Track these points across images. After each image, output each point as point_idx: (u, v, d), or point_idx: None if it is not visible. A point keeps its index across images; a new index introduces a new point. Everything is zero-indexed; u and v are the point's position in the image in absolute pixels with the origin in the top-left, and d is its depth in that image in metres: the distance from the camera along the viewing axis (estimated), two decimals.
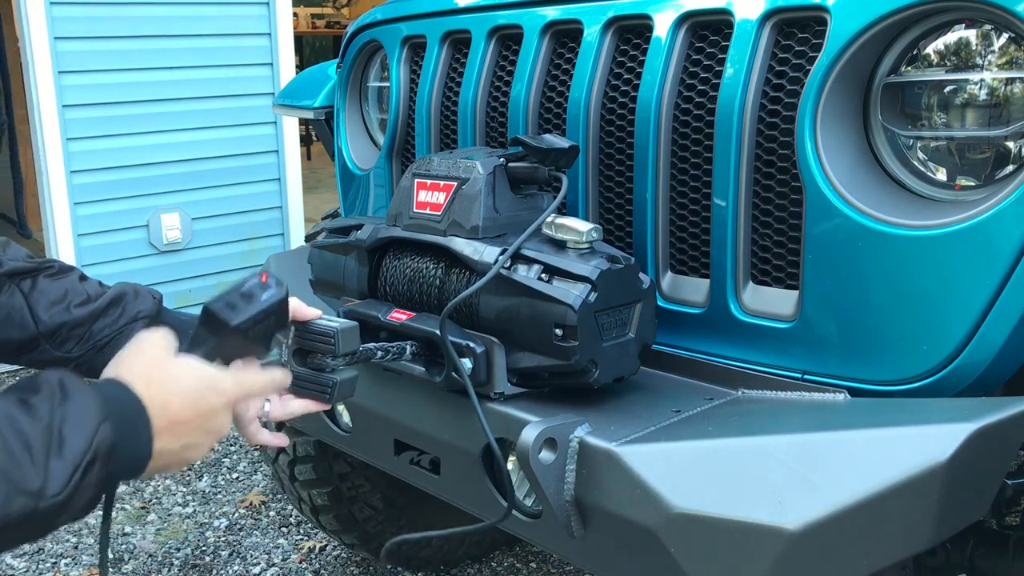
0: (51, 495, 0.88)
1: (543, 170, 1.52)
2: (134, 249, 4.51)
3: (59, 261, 1.40)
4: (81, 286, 1.36)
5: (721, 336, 1.52)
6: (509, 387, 1.46)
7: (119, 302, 1.36)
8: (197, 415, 1.04)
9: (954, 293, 1.27)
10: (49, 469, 0.88)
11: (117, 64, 4.34)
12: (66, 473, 0.89)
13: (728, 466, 1.20)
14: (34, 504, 0.87)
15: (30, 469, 0.87)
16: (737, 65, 1.44)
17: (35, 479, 0.87)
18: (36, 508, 0.87)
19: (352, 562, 2.95)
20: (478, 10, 1.88)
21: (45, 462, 0.88)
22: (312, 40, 12.59)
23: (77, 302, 1.33)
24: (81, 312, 1.33)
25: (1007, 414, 1.14)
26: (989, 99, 1.31)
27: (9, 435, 0.88)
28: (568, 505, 1.32)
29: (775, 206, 1.46)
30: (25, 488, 0.87)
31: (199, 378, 1.05)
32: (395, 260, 1.66)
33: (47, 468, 0.88)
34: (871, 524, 1.12)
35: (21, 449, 0.87)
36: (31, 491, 0.87)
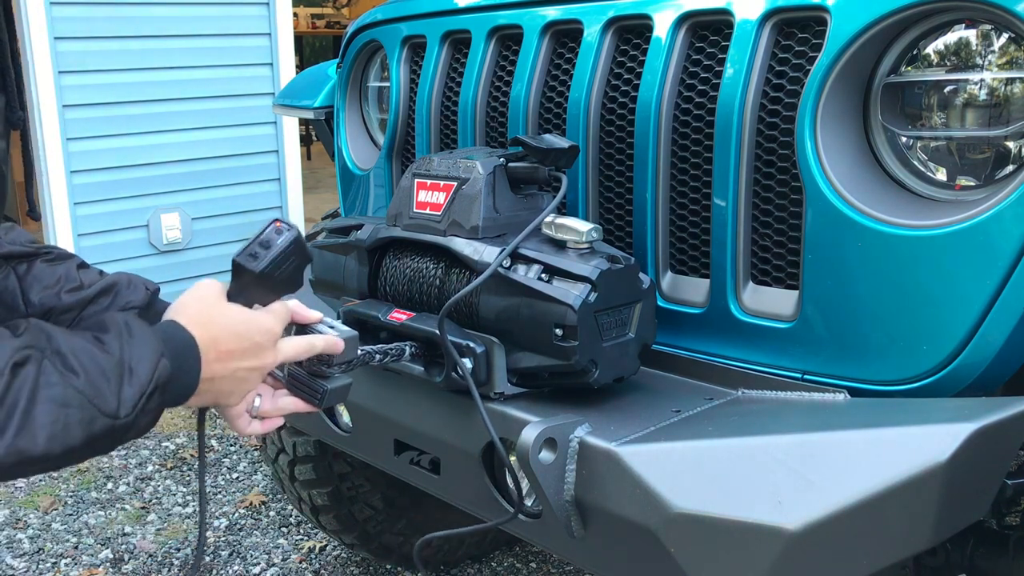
0: (123, 416, 1.04)
1: (543, 170, 1.52)
2: (134, 249, 4.51)
3: (60, 248, 1.42)
4: (77, 273, 1.38)
5: (721, 336, 1.52)
6: (509, 387, 1.46)
7: (110, 291, 1.37)
8: (242, 348, 1.17)
9: (954, 293, 1.27)
10: (121, 395, 1.04)
11: (117, 64, 4.34)
12: (134, 399, 1.05)
13: (728, 466, 1.19)
14: (111, 423, 1.04)
15: (108, 395, 1.03)
16: (737, 65, 1.44)
17: (112, 403, 1.03)
18: (113, 427, 1.04)
19: (352, 562, 2.95)
20: (478, 10, 1.88)
21: (118, 390, 1.04)
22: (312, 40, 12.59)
23: (68, 288, 1.36)
24: (70, 298, 1.35)
25: (1007, 414, 1.14)
26: (989, 99, 1.31)
27: (91, 367, 1.03)
28: (568, 505, 1.32)
29: (775, 206, 1.46)
30: (105, 410, 1.03)
31: (244, 319, 1.19)
32: (395, 260, 1.66)
33: (120, 394, 1.04)
34: (871, 524, 1.12)
35: (100, 378, 1.03)
36: (109, 413, 1.03)
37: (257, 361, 1.20)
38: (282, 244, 1.18)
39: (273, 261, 1.18)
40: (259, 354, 1.20)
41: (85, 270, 1.39)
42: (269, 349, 1.21)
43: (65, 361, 1.02)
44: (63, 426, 1.00)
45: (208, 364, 1.14)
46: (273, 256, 1.18)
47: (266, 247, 1.19)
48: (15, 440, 0.97)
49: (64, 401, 1.00)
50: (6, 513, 3.24)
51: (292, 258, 1.20)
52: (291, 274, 1.21)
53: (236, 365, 1.17)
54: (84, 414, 1.01)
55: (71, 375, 1.01)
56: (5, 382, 0.97)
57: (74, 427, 1.00)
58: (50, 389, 0.99)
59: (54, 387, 1.00)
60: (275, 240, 1.19)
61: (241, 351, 1.17)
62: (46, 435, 0.99)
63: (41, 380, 0.99)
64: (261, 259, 1.18)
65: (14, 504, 3.30)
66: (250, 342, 1.18)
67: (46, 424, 0.99)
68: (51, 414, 0.99)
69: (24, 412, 0.97)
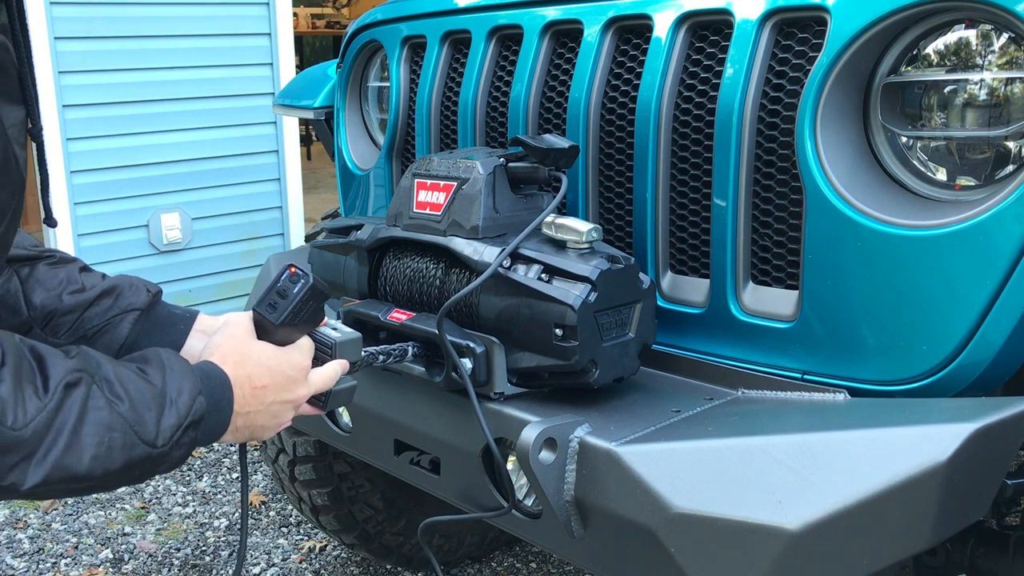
0: (160, 445, 1.08)
1: (543, 170, 1.52)
2: (134, 249, 4.50)
3: (62, 252, 1.42)
4: (79, 276, 1.38)
5: (721, 336, 1.52)
6: (509, 387, 1.46)
7: (111, 293, 1.38)
8: (275, 383, 1.23)
9: (954, 293, 1.27)
10: (160, 425, 1.08)
11: (117, 64, 4.34)
12: (171, 430, 1.09)
13: (728, 466, 1.19)
14: (149, 451, 1.07)
15: (149, 424, 1.07)
16: (737, 65, 1.44)
17: (152, 431, 1.08)
18: (149, 455, 1.08)
19: (352, 562, 2.95)
20: (478, 10, 1.88)
21: (158, 419, 1.08)
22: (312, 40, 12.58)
23: (70, 291, 1.36)
24: (72, 300, 1.36)
25: (1007, 414, 1.14)
26: (989, 99, 1.31)
27: (135, 395, 1.08)
28: (568, 505, 1.32)
29: (775, 206, 1.46)
30: (145, 438, 1.07)
31: (275, 355, 1.24)
32: (395, 260, 1.66)
33: (159, 424, 1.08)
34: (871, 524, 1.12)
35: (143, 406, 1.08)
36: (148, 440, 1.07)
37: (289, 395, 1.25)
38: (298, 294, 1.24)
39: (291, 311, 1.24)
40: (291, 388, 1.25)
41: (87, 273, 1.39)
42: (301, 382, 1.26)
43: (112, 387, 1.06)
44: (107, 448, 1.03)
45: (243, 400, 1.19)
46: (291, 306, 1.24)
47: (283, 296, 1.25)
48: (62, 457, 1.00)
49: (109, 425, 1.04)
50: (6, 513, 3.24)
51: (310, 304, 1.26)
52: (312, 315, 1.27)
53: (271, 399, 1.22)
54: (126, 439, 1.05)
55: (117, 401, 1.06)
56: (58, 400, 1.01)
57: (116, 451, 1.04)
58: (98, 412, 1.03)
59: (101, 410, 1.04)
60: (291, 290, 1.25)
61: (274, 386, 1.22)
62: (90, 455, 1.02)
63: (90, 403, 1.03)
64: (280, 310, 1.24)
65: (14, 504, 3.30)
66: (283, 376, 1.23)
67: (91, 445, 1.02)
68: (97, 435, 1.03)
69: (72, 431, 1.01)
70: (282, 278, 1.26)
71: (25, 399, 0.98)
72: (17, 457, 0.97)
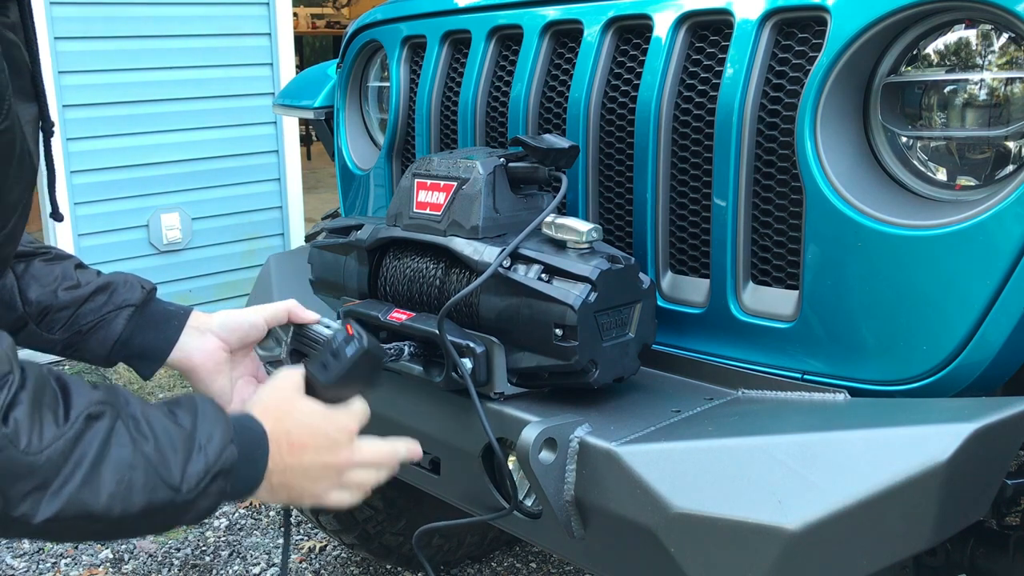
0: (184, 492, 1.02)
1: (543, 170, 1.52)
2: (134, 249, 4.51)
3: (58, 248, 1.42)
4: (74, 272, 1.38)
5: (721, 336, 1.52)
6: (509, 387, 1.46)
7: (106, 289, 1.38)
8: (316, 443, 1.16)
9: (954, 293, 1.27)
10: (187, 471, 1.02)
11: (117, 64, 4.34)
12: (198, 476, 1.03)
13: (728, 466, 1.19)
14: (172, 496, 1.01)
15: (174, 467, 1.02)
16: (737, 65, 1.44)
17: (176, 475, 1.02)
18: (173, 500, 1.02)
19: (352, 562, 2.95)
20: (478, 10, 1.88)
21: (184, 464, 1.02)
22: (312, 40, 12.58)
23: (65, 287, 1.36)
24: (67, 296, 1.35)
25: (1007, 414, 1.14)
26: (989, 99, 1.31)
27: (162, 435, 1.02)
28: (568, 505, 1.32)
29: (775, 206, 1.46)
30: (168, 482, 1.01)
31: (320, 413, 1.18)
32: (395, 260, 1.66)
33: (185, 469, 1.02)
34: (871, 524, 1.12)
35: (169, 449, 1.02)
36: (172, 485, 1.01)
37: (332, 458, 1.17)
38: (352, 356, 1.19)
39: (342, 373, 1.19)
40: (334, 450, 1.17)
41: (83, 270, 1.40)
42: (344, 446, 1.19)
43: (138, 425, 1.02)
44: (127, 487, 0.98)
45: (280, 456, 1.13)
46: (343, 368, 1.19)
47: (336, 356, 1.20)
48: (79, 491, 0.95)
49: (131, 463, 0.99)
50: None
51: (362, 367, 1.20)
52: (365, 377, 1.22)
53: (309, 460, 1.15)
54: (148, 480, 1.00)
55: (142, 439, 1.01)
56: (78, 430, 0.96)
57: (137, 491, 0.99)
58: (120, 449, 0.99)
59: (124, 447, 0.99)
60: (344, 351, 1.20)
61: (315, 446, 1.16)
62: (109, 492, 0.97)
63: (113, 438, 0.99)
64: (331, 370, 1.19)
65: None
66: (325, 437, 1.17)
67: (111, 482, 0.97)
68: (117, 473, 0.98)
69: (92, 465, 0.96)
70: (338, 337, 1.21)
71: (43, 425, 0.94)
72: (30, 485, 0.93)
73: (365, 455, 1.21)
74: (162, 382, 4.20)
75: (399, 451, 1.26)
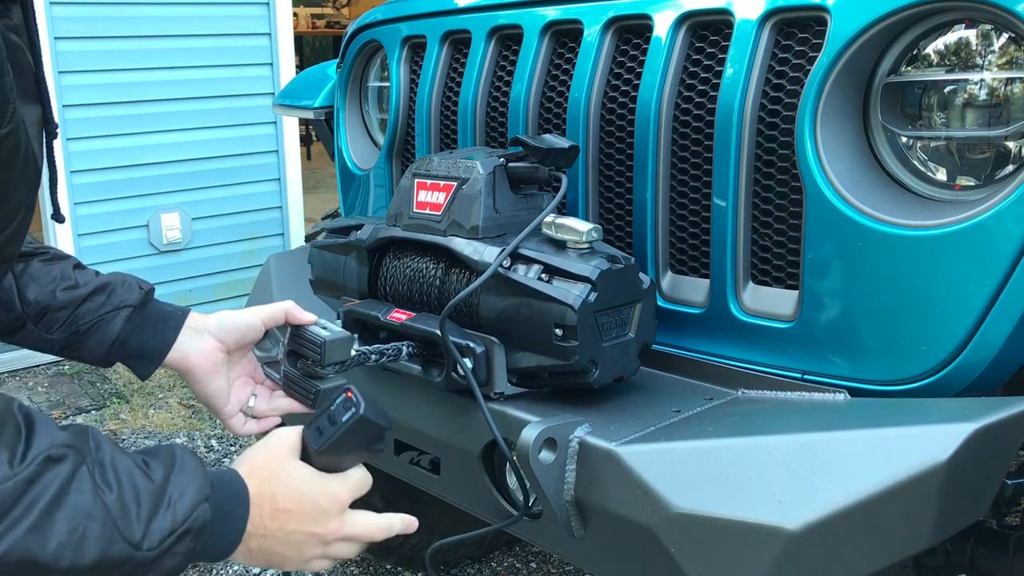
0: (145, 549, 0.96)
1: (543, 170, 1.52)
2: (134, 249, 4.51)
3: (56, 248, 1.42)
4: (72, 273, 1.38)
5: (721, 336, 1.52)
6: (509, 387, 1.46)
7: (104, 290, 1.38)
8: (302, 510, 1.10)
9: (954, 293, 1.27)
10: (150, 526, 0.96)
11: (117, 64, 4.34)
12: (162, 534, 0.97)
13: (728, 466, 1.19)
14: (129, 553, 0.95)
15: (135, 521, 0.96)
16: (737, 65, 1.44)
17: (137, 531, 0.95)
18: (131, 557, 0.95)
19: (352, 562, 2.95)
20: (478, 10, 1.88)
21: (149, 519, 0.96)
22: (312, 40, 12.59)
23: (63, 287, 1.36)
24: (65, 296, 1.36)
25: (1007, 414, 1.14)
26: (989, 99, 1.31)
27: (127, 487, 0.96)
28: (568, 505, 1.32)
29: (775, 206, 1.46)
30: (127, 536, 0.95)
31: (309, 480, 1.12)
32: (395, 260, 1.66)
33: (148, 525, 0.96)
34: (871, 524, 1.12)
35: (132, 502, 0.96)
36: (131, 540, 0.95)
37: (317, 527, 1.12)
38: (346, 423, 1.14)
39: (334, 439, 1.14)
40: (320, 520, 1.12)
41: (81, 270, 1.40)
42: (334, 517, 1.13)
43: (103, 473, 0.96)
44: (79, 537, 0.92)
45: (261, 519, 1.08)
46: (335, 434, 1.14)
47: (332, 422, 1.15)
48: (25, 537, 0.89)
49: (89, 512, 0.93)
50: None
51: (358, 434, 1.15)
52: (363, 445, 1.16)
53: (292, 527, 1.10)
54: (104, 532, 0.93)
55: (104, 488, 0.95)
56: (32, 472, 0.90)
57: (89, 543, 0.92)
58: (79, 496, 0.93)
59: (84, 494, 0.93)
60: (340, 417, 1.14)
61: (300, 512, 1.10)
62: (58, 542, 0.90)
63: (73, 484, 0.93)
64: (324, 435, 1.14)
65: None
66: (312, 505, 1.11)
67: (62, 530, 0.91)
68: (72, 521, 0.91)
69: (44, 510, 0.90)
70: (336, 402, 1.15)
71: None
72: None
73: (356, 529, 1.16)
74: (162, 382, 4.20)
75: (393, 526, 1.20)
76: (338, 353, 1.35)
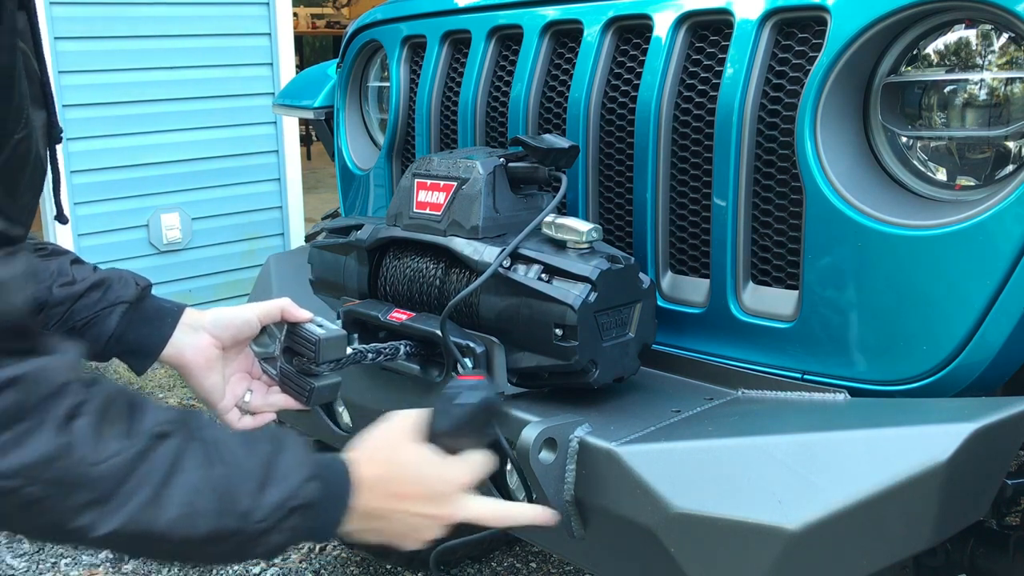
0: (255, 522, 0.98)
1: (543, 170, 1.52)
2: (134, 249, 4.51)
3: (55, 244, 1.43)
4: (70, 268, 1.39)
5: (721, 336, 1.52)
6: (509, 387, 1.46)
7: (101, 286, 1.38)
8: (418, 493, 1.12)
9: (954, 293, 1.27)
10: (261, 499, 0.99)
11: (117, 64, 4.34)
12: (271, 507, 0.99)
13: (728, 466, 1.19)
14: (239, 526, 0.97)
15: (244, 495, 0.98)
16: (737, 65, 1.44)
17: (246, 503, 0.98)
18: (241, 530, 0.98)
19: (352, 562, 2.95)
20: (478, 10, 1.88)
21: (257, 492, 0.99)
22: (312, 40, 12.58)
23: (60, 283, 1.36)
24: (62, 293, 1.36)
25: (1007, 414, 1.14)
26: (989, 99, 1.31)
27: (235, 463, 0.99)
28: (568, 505, 1.32)
29: (775, 206, 1.46)
30: (237, 510, 0.97)
31: (427, 463, 1.15)
32: (395, 260, 1.66)
33: (258, 498, 0.99)
34: (871, 524, 1.12)
35: (241, 477, 0.99)
36: (241, 512, 0.98)
37: (435, 509, 1.14)
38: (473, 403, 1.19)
39: (457, 423, 1.18)
40: (438, 502, 1.14)
41: (78, 266, 1.40)
42: (451, 500, 1.15)
43: (211, 450, 0.99)
44: (191, 510, 0.95)
45: (381, 501, 1.10)
46: (458, 417, 1.18)
47: (455, 403, 1.19)
48: (142, 510, 0.92)
49: (198, 487, 0.96)
50: None
51: (479, 416, 1.20)
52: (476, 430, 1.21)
53: (407, 509, 1.12)
54: (214, 505, 0.96)
55: (212, 464, 0.98)
56: (142, 446, 0.93)
57: (201, 517, 0.95)
58: (188, 473, 0.96)
59: (193, 471, 0.96)
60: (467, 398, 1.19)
61: (416, 495, 1.13)
62: (173, 516, 0.94)
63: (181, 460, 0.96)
64: (449, 416, 1.18)
65: None
66: (429, 489, 1.14)
67: (176, 504, 0.94)
68: (184, 496, 0.94)
69: (158, 484, 0.93)
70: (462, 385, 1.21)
71: (105, 438, 0.92)
72: (87, 497, 0.90)
73: (472, 513, 1.17)
74: (162, 382, 4.20)
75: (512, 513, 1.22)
76: (333, 351, 1.35)
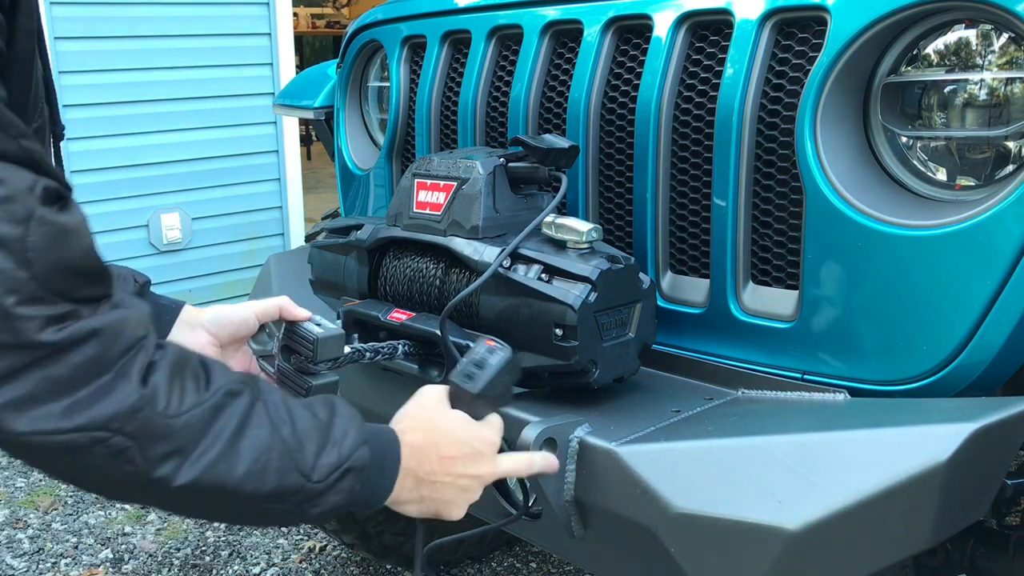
0: (315, 481, 1.03)
1: (543, 170, 1.52)
2: (134, 249, 4.51)
3: None
4: None
5: (721, 336, 1.52)
6: None
7: None
8: (463, 454, 1.18)
9: (954, 293, 1.27)
10: (319, 460, 1.04)
11: (117, 64, 4.34)
12: (329, 468, 1.04)
13: (728, 466, 1.20)
14: (302, 484, 1.02)
15: (308, 454, 1.03)
16: (737, 65, 1.44)
17: (310, 462, 1.03)
18: (303, 487, 1.02)
19: (352, 562, 2.95)
20: (478, 10, 1.88)
21: (317, 453, 1.04)
22: (312, 40, 12.58)
23: None
24: None
25: (1007, 414, 1.14)
26: (989, 99, 1.31)
27: (299, 423, 1.04)
28: (568, 505, 1.32)
29: (775, 206, 1.46)
30: (300, 468, 1.02)
31: (466, 426, 1.21)
32: (395, 260, 1.66)
33: (318, 458, 1.04)
34: (871, 524, 1.12)
35: (304, 437, 1.03)
36: (304, 472, 1.02)
37: (476, 469, 1.20)
38: (497, 364, 1.24)
39: (489, 382, 1.23)
40: (479, 462, 1.20)
41: None
42: (489, 459, 1.21)
43: (276, 410, 1.03)
44: (262, 466, 0.99)
45: (431, 467, 1.15)
46: (489, 377, 1.23)
47: (480, 367, 1.23)
48: (217, 462, 0.96)
49: (268, 444, 1.00)
50: (6, 513, 3.24)
51: (505, 376, 1.25)
52: (502, 391, 1.26)
53: (459, 471, 1.18)
54: (282, 463, 1.01)
55: (280, 423, 1.02)
56: (217, 401, 0.98)
57: (270, 472, 1.00)
58: (258, 429, 1.00)
59: (262, 428, 1.00)
60: (488, 360, 1.24)
61: (463, 457, 1.18)
62: (245, 469, 0.98)
63: (252, 417, 1.00)
64: (477, 379, 1.22)
65: (14, 504, 3.30)
66: (471, 449, 1.19)
67: (248, 458, 0.98)
68: (255, 451, 0.99)
69: (231, 438, 0.97)
70: (479, 349, 1.25)
71: (183, 391, 0.96)
72: (168, 447, 0.94)
73: (506, 468, 1.24)
74: None
75: (535, 463, 1.27)
76: (330, 350, 1.35)
